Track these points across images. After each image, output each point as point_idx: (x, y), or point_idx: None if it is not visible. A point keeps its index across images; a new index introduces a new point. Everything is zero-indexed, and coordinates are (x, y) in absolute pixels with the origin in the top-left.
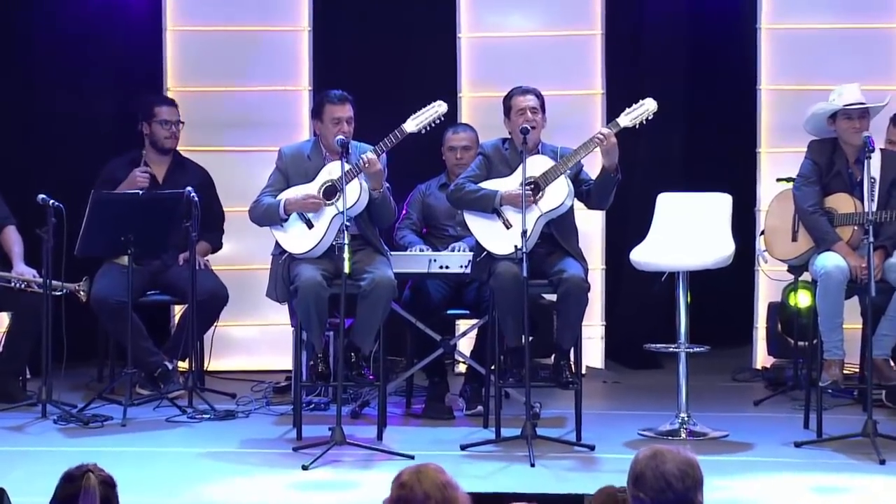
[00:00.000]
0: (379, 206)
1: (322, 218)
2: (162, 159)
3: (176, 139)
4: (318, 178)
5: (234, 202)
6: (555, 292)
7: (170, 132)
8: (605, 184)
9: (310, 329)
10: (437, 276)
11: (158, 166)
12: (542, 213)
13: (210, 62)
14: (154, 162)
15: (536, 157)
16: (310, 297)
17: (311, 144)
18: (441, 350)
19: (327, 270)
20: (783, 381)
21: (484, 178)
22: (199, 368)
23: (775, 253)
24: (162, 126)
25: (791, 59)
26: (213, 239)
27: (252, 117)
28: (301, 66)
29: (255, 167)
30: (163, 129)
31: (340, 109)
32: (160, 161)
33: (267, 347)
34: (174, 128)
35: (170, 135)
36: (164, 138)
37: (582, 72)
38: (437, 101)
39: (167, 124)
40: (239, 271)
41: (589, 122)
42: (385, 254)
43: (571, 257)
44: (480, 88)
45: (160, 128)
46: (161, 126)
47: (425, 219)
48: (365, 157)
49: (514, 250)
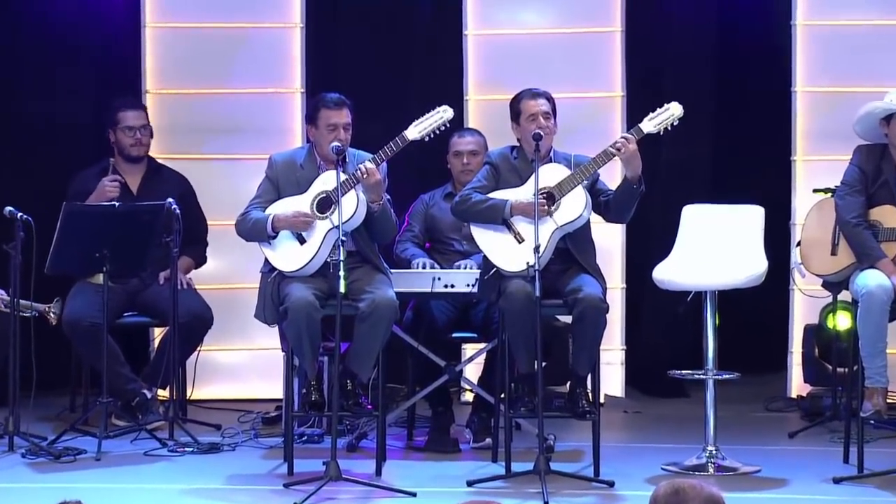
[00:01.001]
0: (378, 221)
1: (315, 233)
2: (134, 168)
3: (143, 146)
4: (312, 189)
5: (219, 215)
6: (570, 313)
7: (134, 139)
8: (626, 196)
9: (302, 354)
10: (442, 295)
11: (131, 175)
12: (558, 226)
13: (193, 62)
14: (126, 171)
15: (550, 165)
16: (301, 318)
17: (304, 152)
18: (446, 377)
19: (321, 290)
20: (821, 412)
21: (492, 190)
22: (181, 397)
23: (812, 267)
24: (126, 133)
25: (829, 58)
26: (196, 253)
27: (239, 122)
28: (293, 67)
29: (243, 177)
30: (126, 136)
31: (337, 114)
32: (133, 170)
33: (255, 374)
34: (139, 134)
35: (135, 142)
36: (129, 146)
37: (600, 72)
38: (442, 107)
39: (131, 130)
40: (225, 290)
41: (607, 127)
42: (385, 272)
43: (588, 275)
44: (488, 91)
45: (124, 135)
46: (125, 133)
47: (429, 232)
48: (363, 167)
49: (525, 267)
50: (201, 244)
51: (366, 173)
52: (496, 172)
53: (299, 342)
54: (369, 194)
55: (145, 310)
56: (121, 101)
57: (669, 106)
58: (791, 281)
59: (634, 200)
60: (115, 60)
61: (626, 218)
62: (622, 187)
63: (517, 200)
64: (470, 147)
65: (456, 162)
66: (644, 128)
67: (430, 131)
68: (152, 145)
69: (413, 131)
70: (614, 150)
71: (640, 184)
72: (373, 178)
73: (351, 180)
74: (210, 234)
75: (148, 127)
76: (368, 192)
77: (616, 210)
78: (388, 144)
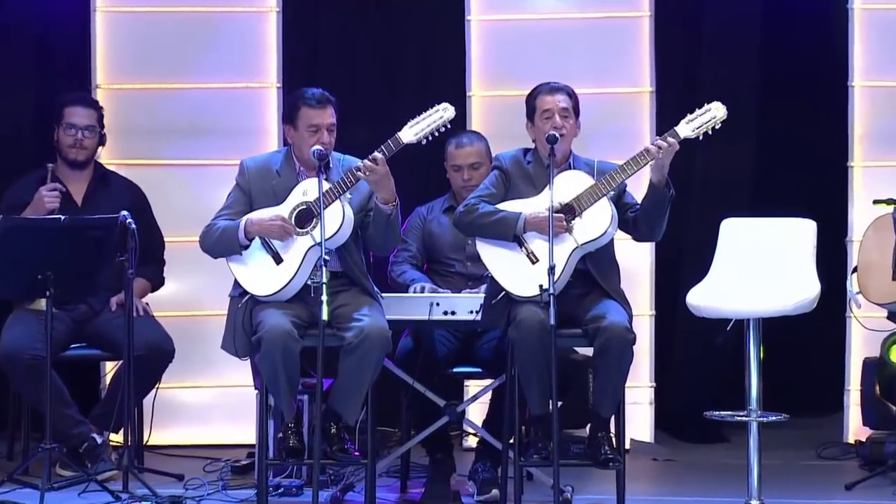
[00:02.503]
0: (389, 227)
1: (294, 250)
2: (78, 175)
3: (84, 150)
4: (290, 200)
5: (182, 231)
6: (591, 345)
7: (74, 139)
8: (656, 204)
9: (278, 392)
10: (441, 323)
11: (75, 183)
12: (578, 244)
13: (151, 52)
14: (69, 178)
15: (569, 173)
16: (277, 350)
17: (281, 157)
18: (446, 418)
19: (300, 317)
20: (882, 459)
21: (501, 199)
22: (137, 442)
23: (871, 295)
24: (67, 132)
25: (892, 47)
26: (153, 274)
27: (204, 122)
28: (267, 58)
29: (209, 186)
30: (67, 135)
31: (319, 114)
32: (76, 177)
33: (223, 415)
34: (81, 135)
35: (74, 143)
36: (68, 147)
37: (626, 64)
38: (441, 104)
39: (72, 129)
40: (187, 318)
41: (634, 127)
42: (375, 296)
43: (612, 300)
44: (495, 86)
45: (65, 134)
46: (66, 132)
47: (427, 250)
48: (363, 163)
49: (539, 291)
50: (158, 264)
51: (368, 170)
52: (506, 179)
53: (275, 378)
54: (380, 193)
55: (95, 341)
56: (71, 95)
57: (711, 106)
58: (847, 308)
59: (665, 208)
60: (60, 50)
61: (657, 233)
62: (650, 195)
63: (532, 214)
64: (471, 160)
65: (455, 177)
66: (682, 131)
67: (427, 133)
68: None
69: (408, 133)
70: (649, 155)
71: (669, 187)
72: (378, 171)
73: (336, 189)
74: (171, 253)
75: (95, 129)
76: (378, 190)
77: (646, 224)
78: (379, 148)
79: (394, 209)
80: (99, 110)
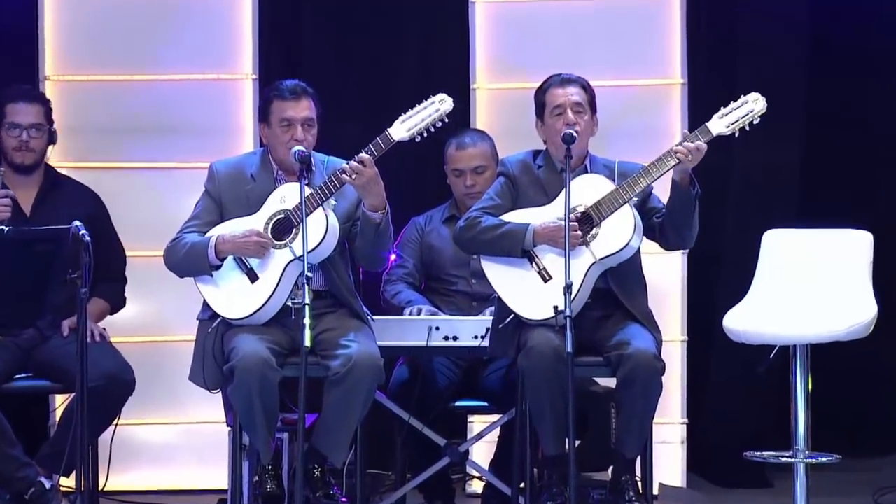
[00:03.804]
0: (379, 237)
1: (271, 266)
2: (26, 181)
3: (31, 152)
4: (266, 208)
5: (143, 243)
6: (613, 375)
7: (19, 141)
8: (682, 205)
9: (253, 429)
10: (442, 351)
11: (23, 190)
12: (597, 259)
13: (109, 38)
14: (15, 184)
15: (586, 177)
16: (253, 381)
17: (256, 159)
18: (447, 460)
19: (279, 343)
20: None
21: (508, 210)
22: (92, 487)
23: None
24: (9, 133)
25: None
26: (112, 294)
27: (171, 119)
28: (242, 45)
29: (175, 192)
30: (10, 136)
31: (292, 106)
32: (24, 183)
33: (190, 456)
34: (27, 135)
35: (19, 145)
36: (12, 149)
37: (653, 52)
38: (437, 96)
39: (16, 129)
40: (149, 344)
41: (662, 124)
42: (365, 319)
43: (637, 323)
44: (503, 77)
45: (7, 135)
46: (9, 133)
47: (425, 267)
48: (348, 164)
49: (554, 313)
50: (118, 281)
51: (355, 172)
52: (513, 186)
53: (250, 413)
54: (367, 198)
55: (44, 370)
56: (12, 90)
57: (748, 98)
58: None
59: (693, 209)
60: (4, 37)
61: (687, 238)
62: (674, 196)
63: (543, 224)
64: (474, 163)
65: (457, 183)
66: (714, 128)
67: (422, 128)
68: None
69: (399, 129)
70: (675, 157)
71: (694, 184)
72: (367, 173)
73: (318, 195)
74: (132, 269)
75: (43, 128)
76: (366, 195)
77: (673, 229)
78: (367, 146)
79: (383, 217)
80: (46, 104)
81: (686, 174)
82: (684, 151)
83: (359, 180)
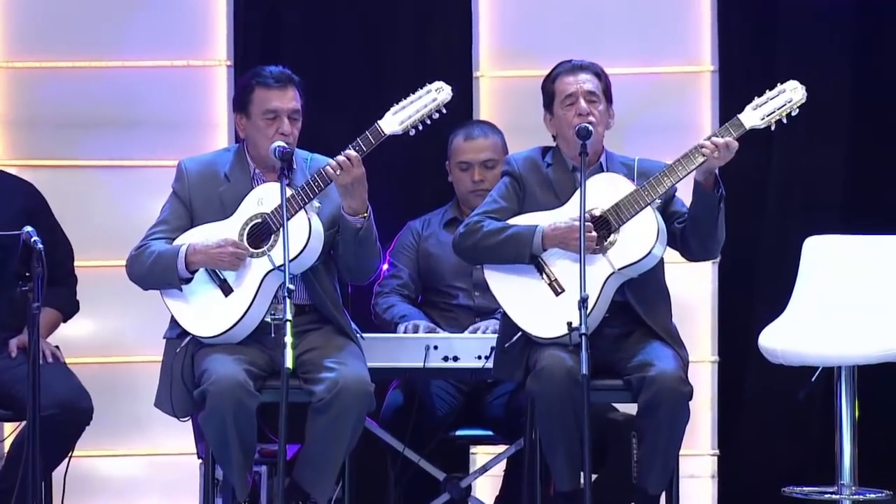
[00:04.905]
0: (361, 246)
1: (247, 278)
2: None
3: None
4: (242, 211)
5: (103, 252)
6: (634, 400)
7: None
8: (704, 211)
9: (228, 462)
10: (441, 373)
11: None
12: (615, 269)
13: (65, 22)
14: None
15: (603, 176)
16: (227, 408)
17: (230, 156)
18: (447, 496)
19: (256, 365)
20: None
21: (514, 214)
22: None
23: None
24: None
25: None
26: (62, 298)
27: (134, 111)
28: (216, 27)
29: (139, 193)
30: None
31: (278, 96)
32: None
33: (156, 492)
34: None
35: None
36: None
37: (680, 36)
38: (434, 84)
39: None
40: (110, 366)
41: (690, 117)
42: (354, 337)
43: (661, 342)
44: (510, 64)
45: None
46: None
47: (421, 277)
48: (334, 162)
49: (567, 331)
50: (67, 282)
51: (340, 167)
52: (519, 187)
53: (224, 444)
54: (348, 200)
55: None
56: None
57: (785, 87)
58: None
59: (716, 214)
60: None
61: (711, 248)
62: (696, 199)
63: (552, 225)
64: (484, 155)
65: (463, 178)
66: (747, 120)
67: (416, 120)
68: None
69: (391, 121)
70: (702, 152)
71: (718, 185)
72: (352, 172)
73: (299, 196)
74: (91, 281)
75: None
76: (347, 197)
77: (695, 236)
78: (355, 141)
79: (364, 222)
80: None
81: (710, 175)
82: (711, 147)
83: (343, 178)
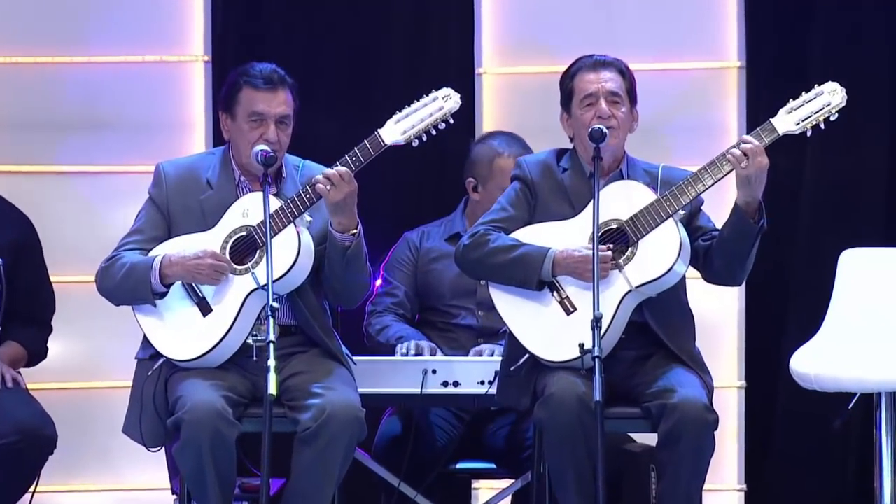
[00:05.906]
0: (349, 266)
1: (228, 296)
2: None
3: None
4: (225, 223)
5: (70, 266)
6: (654, 430)
7: None
8: (739, 237)
9: (204, 497)
10: (440, 399)
11: None
12: (633, 287)
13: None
14: None
15: (621, 183)
16: (204, 438)
17: (215, 161)
18: None
19: (236, 391)
20: None
21: (523, 223)
22: None
23: None
24: None
25: None
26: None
27: (102, 111)
28: (192, 20)
29: (109, 201)
30: None
31: (266, 98)
32: None
33: None
34: None
35: None
36: None
37: (704, 30)
38: (441, 90)
39: None
40: (76, 391)
41: (715, 118)
42: (343, 360)
43: (683, 366)
44: (516, 60)
45: None
46: None
47: (419, 295)
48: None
49: (579, 353)
50: (41, 328)
51: (329, 181)
52: (531, 194)
53: (200, 477)
54: (337, 216)
55: None
56: None
57: (823, 89)
58: None
59: (751, 245)
60: None
61: (737, 275)
62: (732, 222)
63: (565, 252)
64: None
65: None
66: (780, 125)
67: (421, 130)
68: None
69: (393, 131)
70: (731, 159)
71: (761, 214)
72: (345, 188)
73: (289, 209)
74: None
75: None
76: (336, 213)
77: (722, 259)
78: (352, 151)
79: (354, 239)
80: None
81: (753, 200)
82: (738, 155)
83: (334, 195)
